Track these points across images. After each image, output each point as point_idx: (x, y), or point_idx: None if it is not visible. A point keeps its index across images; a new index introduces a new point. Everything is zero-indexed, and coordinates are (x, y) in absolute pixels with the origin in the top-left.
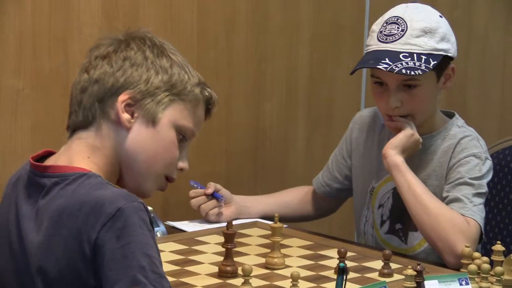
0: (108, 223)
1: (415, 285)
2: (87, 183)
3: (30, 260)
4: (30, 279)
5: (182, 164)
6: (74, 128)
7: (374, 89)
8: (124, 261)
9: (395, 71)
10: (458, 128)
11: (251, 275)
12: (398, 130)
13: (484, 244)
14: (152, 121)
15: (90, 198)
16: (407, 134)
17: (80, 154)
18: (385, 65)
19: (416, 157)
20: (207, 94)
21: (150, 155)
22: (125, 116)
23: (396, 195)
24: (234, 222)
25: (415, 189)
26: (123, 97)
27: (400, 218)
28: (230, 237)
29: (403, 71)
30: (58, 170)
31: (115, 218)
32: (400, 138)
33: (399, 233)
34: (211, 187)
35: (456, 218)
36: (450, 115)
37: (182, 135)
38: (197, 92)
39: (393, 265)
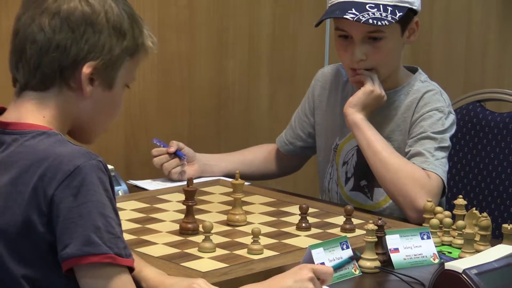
0: (65, 180)
1: (376, 239)
2: (47, 140)
3: None
4: None
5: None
6: (25, 86)
7: (339, 43)
8: (80, 220)
9: (362, 21)
10: (421, 82)
11: (212, 231)
12: (362, 84)
13: (448, 199)
14: (109, 86)
15: (48, 154)
16: (366, 91)
17: (34, 114)
18: (352, 15)
19: (380, 113)
20: (151, 43)
21: (105, 116)
22: (88, 88)
23: (360, 152)
24: (197, 180)
25: (375, 146)
26: (86, 69)
27: (365, 174)
28: (190, 194)
29: (370, 21)
30: (19, 127)
31: (73, 176)
32: (359, 96)
33: (364, 189)
34: (174, 146)
35: (416, 172)
36: (413, 70)
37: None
38: (146, 45)
39: (356, 221)
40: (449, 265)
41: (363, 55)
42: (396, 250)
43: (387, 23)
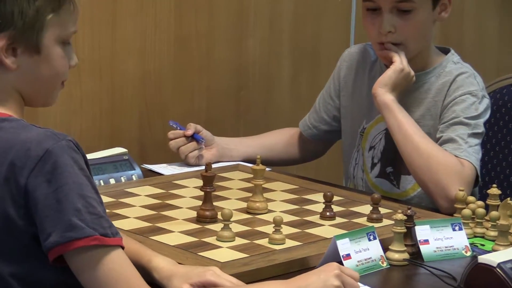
0: (36, 167)
1: (405, 230)
2: (9, 127)
3: None
4: None
5: (72, 62)
6: None
7: (366, 17)
8: (58, 205)
9: None
10: (454, 64)
11: (231, 220)
12: (390, 60)
13: (480, 188)
14: (36, 50)
15: (13, 142)
16: (396, 69)
17: None
18: None
19: (409, 96)
20: None
21: (45, 79)
22: (8, 60)
23: (389, 136)
24: (215, 165)
25: (406, 129)
26: (0, 43)
27: (392, 161)
28: (209, 180)
29: None
30: None
31: (44, 160)
32: (389, 75)
33: (390, 176)
34: (191, 128)
35: (449, 159)
36: (446, 51)
37: (66, 42)
38: None
39: (383, 210)
40: (482, 259)
41: (391, 27)
42: (426, 241)
43: None
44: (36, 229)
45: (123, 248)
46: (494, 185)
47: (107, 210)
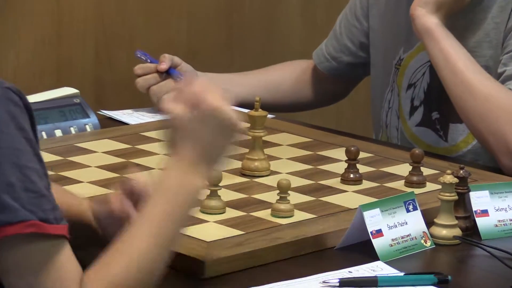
0: None
1: (456, 197)
2: None
3: None
4: None
5: None
6: None
7: None
8: None
9: None
10: None
11: (220, 184)
12: None
13: None
14: None
15: None
16: None
17: None
18: None
19: (460, 17)
20: None
21: None
22: None
23: (435, 70)
24: None
25: (455, 62)
26: None
27: (439, 103)
28: None
29: None
30: None
31: None
32: None
33: (436, 124)
34: (166, 61)
35: None
36: None
37: None
38: None
39: (426, 171)
40: None
41: None
42: (485, 213)
43: None
44: None
45: (68, 240)
46: None
47: (51, 173)
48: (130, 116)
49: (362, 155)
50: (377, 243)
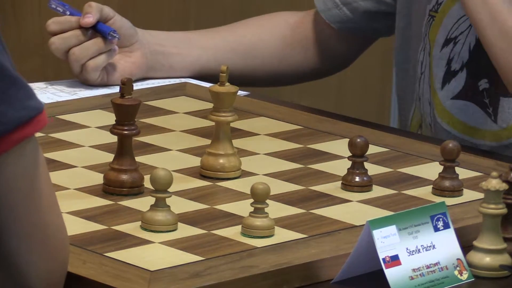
0: None
1: (504, 210)
2: None
3: None
4: None
5: None
6: None
7: None
8: None
9: None
10: None
11: (170, 190)
12: None
13: None
14: None
15: None
16: None
17: None
18: None
19: None
20: None
21: None
22: None
23: None
24: (140, 85)
25: (497, 7)
26: None
27: (489, 67)
28: (127, 113)
29: None
30: None
31: None
32: None
33: (483, 98)
34: (93, 12)
35: None
36: None
37: None
38: None
39: (462, 173)
40: None
41: None
42: None
43: None
44: None
45: None
46: None
47: None
48: (42, 92)
49: (372, 149)
50: (392, 274)
